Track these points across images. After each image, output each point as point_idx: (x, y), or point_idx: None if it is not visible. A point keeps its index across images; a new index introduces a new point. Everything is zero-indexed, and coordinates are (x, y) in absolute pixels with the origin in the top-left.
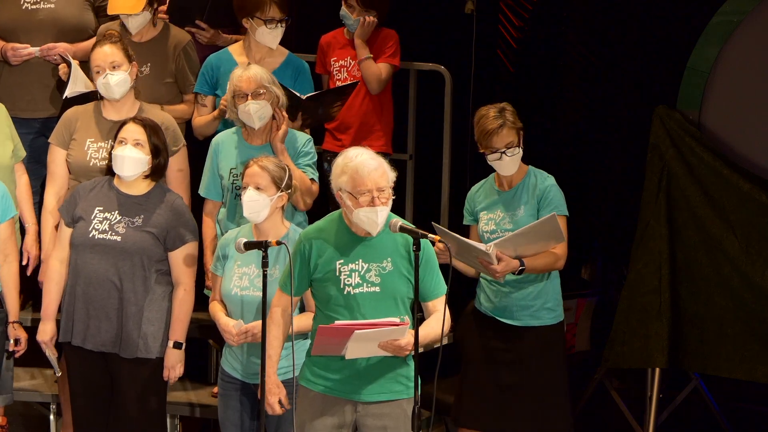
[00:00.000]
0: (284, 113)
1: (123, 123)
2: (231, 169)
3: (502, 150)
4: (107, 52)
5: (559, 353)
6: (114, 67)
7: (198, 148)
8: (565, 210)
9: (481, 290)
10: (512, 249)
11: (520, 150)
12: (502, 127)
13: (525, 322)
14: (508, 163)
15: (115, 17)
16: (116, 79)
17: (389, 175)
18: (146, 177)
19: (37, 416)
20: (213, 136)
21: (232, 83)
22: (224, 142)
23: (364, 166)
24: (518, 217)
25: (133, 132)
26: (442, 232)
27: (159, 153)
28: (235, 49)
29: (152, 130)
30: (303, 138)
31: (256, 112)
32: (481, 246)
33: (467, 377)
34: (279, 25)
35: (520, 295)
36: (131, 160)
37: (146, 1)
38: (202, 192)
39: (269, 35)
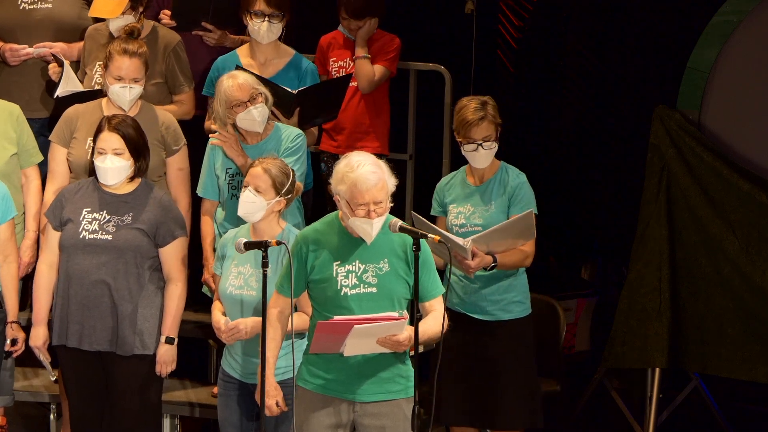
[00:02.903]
0: (277, 111)
1: (98, 128)
2: (227, 169)
3: (479, 142)
4: (131, 68)
5: (529, 345)
6: (135, 81)
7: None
8: (534, 207)
9: (450, 287)
10: (485, 245)
11: (496, 144)
12: (483, 119)
13: (496, 317)
14: (483, 155)
15: (102, 18)
16: (134, 94)
17: (389, 187)
18: (132, 179)
19: (37, 416)
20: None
21: (223, 95)
22: None
23: (363, 181)
24: (489, 213)
25: (111, 142)
26: (420, 223)
27: (140, 154)
28: (242, 51)
29: (129, 130)
30: (291, 133)
31: (259, 116)
32: (459, 240)
33: (442, 375)
34: (267, 20)
35: (490, 290)
36: (113, 170)
37: (126, 6)
38: (199, 192)
39: (256, 29)
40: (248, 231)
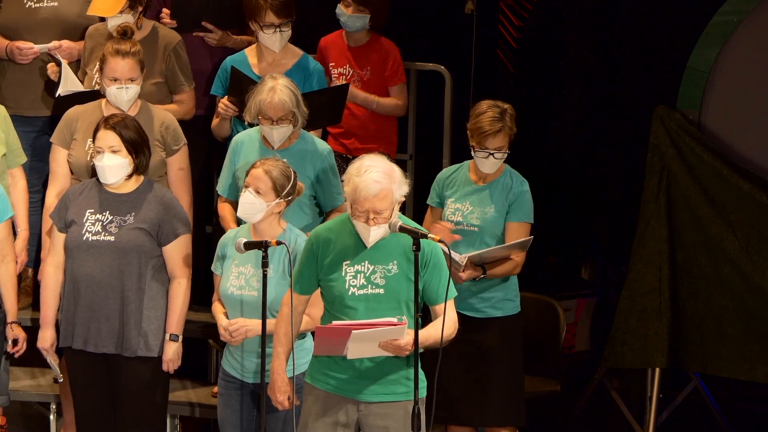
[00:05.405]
0: None
1: (96, 128)
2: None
3: (492, 151)
4: (126, 68)
5: (518, 343)
6: (131, 81)
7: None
8: (531, 218)
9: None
10: (479, 258)
11: (507, 153)
12: (500, 131)
13: (487, 314)
14: (493, 163)
15: (104, 17)
16: (131, 94)
17: (395, 197)
18: (131, 176)
19: (37, 416)
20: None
21: (258, 103)
22: (244, 143)
23: (363, 189)
24: (487, 215)
25: (107, 140)
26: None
27: (139, 150)
28: (250, 52)
29: (124, 128)
30: (323, 149)
31: (278, 136)
32: (456, 256)
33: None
34: (278, 30)
35: (480, 288)
36: (111, 168)
37: (124, 5)
38: (219, 189)
39: (269, 39)
40: (248, 231)
